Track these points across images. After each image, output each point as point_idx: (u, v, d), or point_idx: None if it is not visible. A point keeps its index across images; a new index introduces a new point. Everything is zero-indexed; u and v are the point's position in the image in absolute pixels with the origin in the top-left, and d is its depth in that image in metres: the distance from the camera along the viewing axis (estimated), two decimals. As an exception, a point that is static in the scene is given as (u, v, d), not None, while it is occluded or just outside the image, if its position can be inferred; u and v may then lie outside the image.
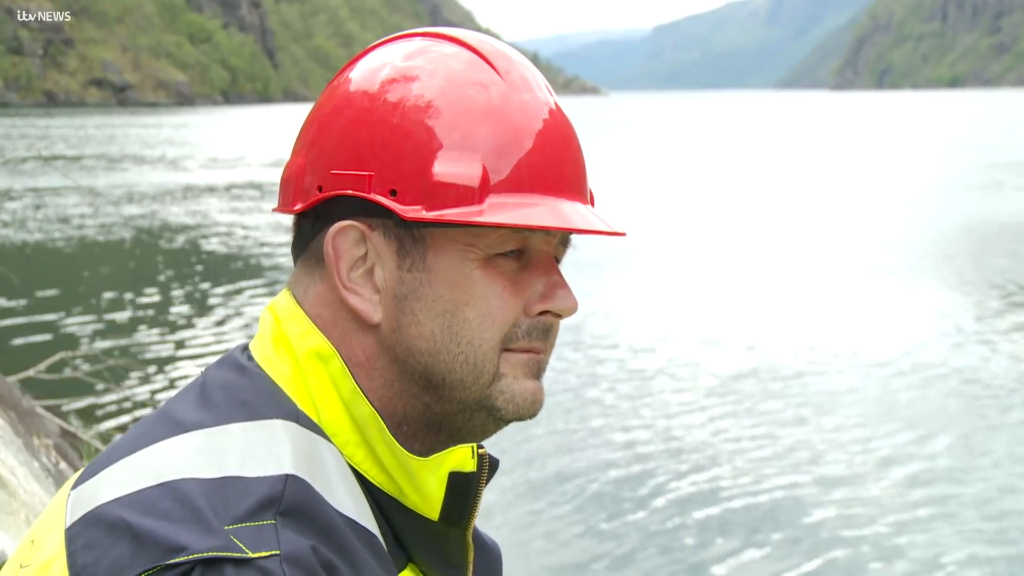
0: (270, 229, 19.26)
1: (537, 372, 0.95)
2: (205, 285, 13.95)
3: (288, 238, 0.96)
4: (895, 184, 28.42)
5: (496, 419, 0.94)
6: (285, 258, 15.97)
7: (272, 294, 13.04)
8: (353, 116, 0.92)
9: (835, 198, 25.06)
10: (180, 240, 18.17)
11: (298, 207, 0.94)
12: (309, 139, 0.95)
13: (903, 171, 32.67)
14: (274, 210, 1.00)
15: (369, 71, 0.94)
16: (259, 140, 51.49)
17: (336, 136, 0.92)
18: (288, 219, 0.98)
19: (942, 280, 14.16)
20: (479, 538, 1.03)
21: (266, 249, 17.10)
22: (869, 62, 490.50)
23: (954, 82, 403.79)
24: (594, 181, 0.97)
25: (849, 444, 7.66)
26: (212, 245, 17.63)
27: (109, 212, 21.82)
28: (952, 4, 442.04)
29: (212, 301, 12.92)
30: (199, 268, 15.54)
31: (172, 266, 15.78)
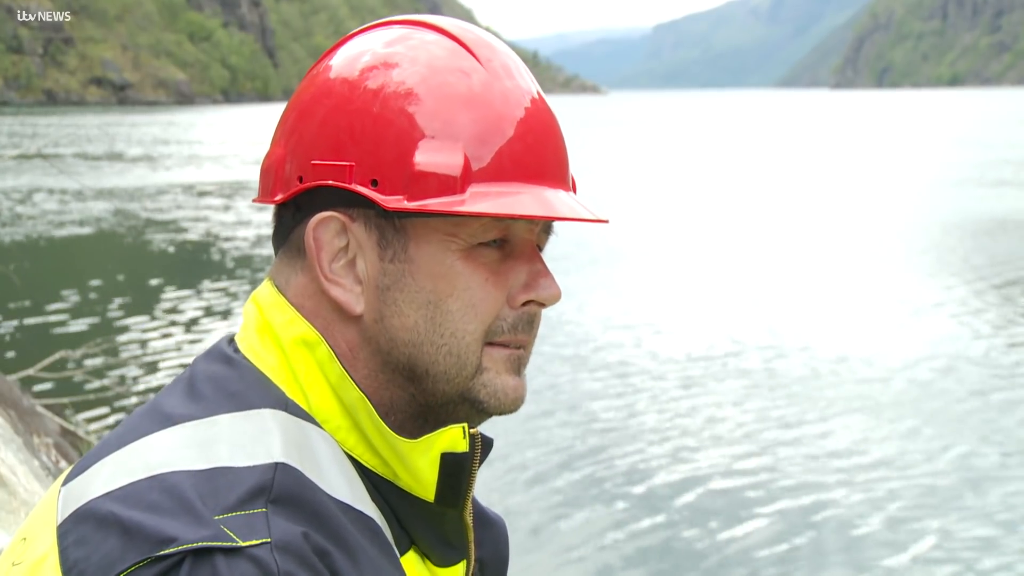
0: (268, 224, 19.23)
1: (518, 368, 0.95)
2: (205, 282, 13.96)
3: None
4: (894, 181, 28.42)
5: (479, 411, 0.94)
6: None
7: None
8: (333, 105, 0.91)
9: (834, 195, 25.06)
10: (179, 238, 18.17)
11: (278, 198, 0.93)
12: (288, 128, 0.94)
13: (902, 168, 32.67)
14: (254, 200, 0.99)
15: (349, 59, 0.93)
16: (257, 138, 51.47)
17: (316, 125, 0.91)
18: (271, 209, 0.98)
19: (939, 274, 14.19)
20: (483, 514, 1.03)
21: (267, 244, 17.09)
22: (869, 61, 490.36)
23: (954, 81, 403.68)
24: (593, 177, 1.21)
25: (848, 434, 7.69)
26: (211, 242, 17.64)
27: (109, 210, 21.82)
28: (952, 3, 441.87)
29: (212, 298, 12.93)
30: (198, 265, 15.55)
31: (171, 263, 15.80)
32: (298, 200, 0.92)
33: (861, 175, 30.94)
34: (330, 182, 0.89)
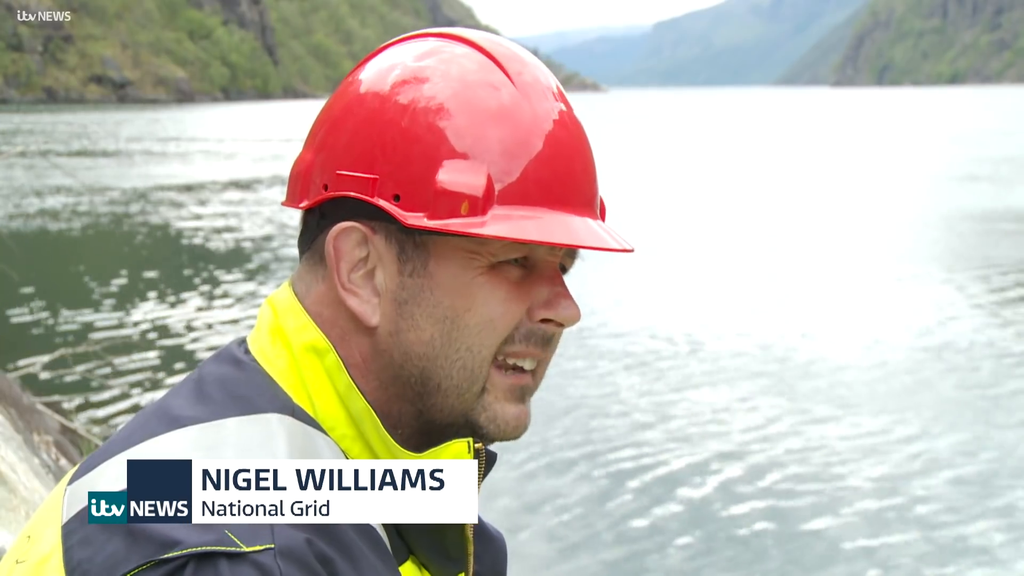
0: (270, 224, 19.25)
1: (522, 396, 0.94)
2: (206, 280, 13.95)
3: (292, 232, 1.06)
4: (894, 177, 28.43)
5: (480, 436, 0.93)
6: (286, 253, 15.97)
7: (274, 288, 12.98)
8: (363, 117, 0.92)
9: (835, 192, 25.07)
10: (180, 236, 18.16)
11: (304, 204, 0.94)
12: (319, 137, 0.95)
13: (902, 165, 32.67)
14: (282, 203, 1.00)
15: (381, 71, 0.94)
16: (256, 136, 51.44)
17: (345, 136, 0.92)
18: (296, 213, 0.98)
19: (939, 269, 14.20)
20: (483, 529, 1.03)
21: (267, 244, 17.09)
22: (869, 58, 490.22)
23: (954, 78, 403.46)
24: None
25: (866, 433, 7.68)
26: (212, 240, 17.62)
27: (108, 208, 21.82)
28: (952, 1, 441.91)
29: (213, 297, 12.92)
30: (200, 264, 15.53)
31: (172, 262, 15.78)
32: (323, 208, 0.93)
33: (861, 172, 30.93)
34: (353, 194, 0.90)
